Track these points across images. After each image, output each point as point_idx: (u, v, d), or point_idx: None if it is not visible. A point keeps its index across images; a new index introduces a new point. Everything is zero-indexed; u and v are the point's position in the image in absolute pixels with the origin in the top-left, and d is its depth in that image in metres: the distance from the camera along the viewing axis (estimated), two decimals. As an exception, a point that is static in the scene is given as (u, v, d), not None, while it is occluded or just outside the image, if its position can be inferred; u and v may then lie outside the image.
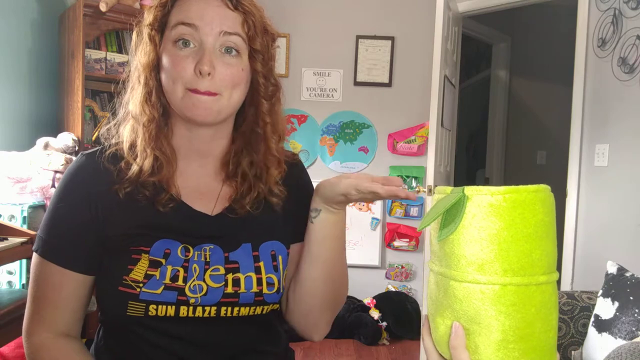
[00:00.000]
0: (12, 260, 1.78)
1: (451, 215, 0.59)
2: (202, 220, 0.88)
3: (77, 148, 2.41)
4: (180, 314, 0.81)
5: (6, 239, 1.74)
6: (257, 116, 0.91)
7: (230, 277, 0.84)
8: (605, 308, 1.70)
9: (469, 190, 0.59)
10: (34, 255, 0.86)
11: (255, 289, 0.85)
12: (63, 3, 2.76)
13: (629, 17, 2.47)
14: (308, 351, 2.95)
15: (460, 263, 0.59)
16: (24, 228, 1.94)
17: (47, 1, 2.68)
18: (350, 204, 3.62)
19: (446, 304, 0.62)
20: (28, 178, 2.15)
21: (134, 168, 0.85)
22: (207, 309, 0.82)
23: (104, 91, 2.70)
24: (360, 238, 3.41)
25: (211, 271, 0.84)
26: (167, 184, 0.86)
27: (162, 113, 0.88)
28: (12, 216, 2.06)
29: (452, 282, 0.60)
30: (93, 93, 2.66)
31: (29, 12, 2.58)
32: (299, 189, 0.98)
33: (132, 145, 0.88)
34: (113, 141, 0.92)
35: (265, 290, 0.86)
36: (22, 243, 1.76)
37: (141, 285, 0.80)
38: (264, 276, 0.86)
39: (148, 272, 0.81)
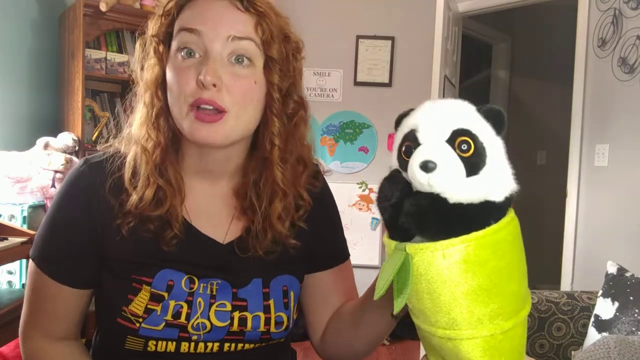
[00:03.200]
0: (12, 260, 1.78)
1: (402, 278, 0.55)
2: (211, 249, 0.80)
3: (77, 148, 2.41)
4: (181, 350, 0.76)
5: (6, 239, 1.74)
6: (266, 137, 0.78)
7: (237, 315, 0.77)
8: (605, 308, 1.70)
9: (411, 248, 0.55)
10: (31, 262, 0.80)
11: (262, 328, 0.78)
12: (63, 3, 2.76)
13: (629, 17, 2.47)
14: (308, 351, 2.94)
15: (420, 316, 0.58)
16: (24, 228, 1.94)
17: (47, 1, 2.68)
18: (351, 204, 3.59)
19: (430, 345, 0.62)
20: (28, 178, 2.15)
21: (133, 198, 0.75)
22: (210, 345, 0.77)
23: (104, 91, 2.70)
24: (360, 238, 3.41)
25: (217, 306, 0.77)
26: (173, 217, 0.76)
27: (172, 136, 0.78)
28: (12, 216, 2.06)
29: (422, 332, 0.60)
30: (93, 93, 2.66)
31: (29, 12, 2.58)
32: (323, 221, 0.89)
33: (134, 174, 0.77)
34: (118, 148, 0.82)
35: (272, 330, 0.79)
36: (22, 243, 1.76)
37: (141, 320, 0.74)
38: (272, 315, 0.79)
39: (149, 306, 0.74)
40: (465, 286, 0.53)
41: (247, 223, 0.81)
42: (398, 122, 0.60)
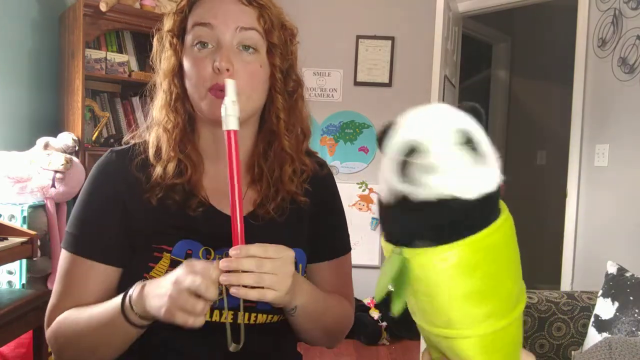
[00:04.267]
0: (12, 260, 1.78)
1: (400, 282, 0.57)
2: (226, 224, 0.84)
3: (77, 148, 2.41)
4: None
5: (6, 239, 1.74)
6: (273, 111, 0.89)
7: None
8: (605, 308, 1.70)
9: (408, 252, 0.56)
10: (63, 252, 0.86)
11: None
12: (63, 3, 2.76)
13: (629, 17, 2.47)
14: (308, 351, 2.95)
15: (418, 315, 0.60)
16: (24, 228, 1.94)
17: (47, 1, 2.68)
18: (351, 204, 3.60)
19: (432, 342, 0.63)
20: (28, 178, 2.15)
21: (158, 170, 0.85)
22: (225, 313, 0.81)
23: (104, 91, 2.70)
24: (360, 238, 3.41)
25: None
26: (196, 187, 0.86)
27: (188, 119, 0.88)
28: (12, 216, 2.06)
29: (425, 333, 0.61)
30: (93, 93, 2.66)
31: (29, 12, 2.58)
32: (323, 202, 0.96)
33: (158, 152, 0.87)
34: (140, 141, 0.91)
35: None
36: (22, 243, 1.76)
37: None
38: None
39: (169, 272, 0.78)
40: (461, 289, 0.55)
41: (257, 197, 0.90)
42: (383, 133, 0.65)
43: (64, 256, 0.86)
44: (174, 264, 0.81)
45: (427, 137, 0.56)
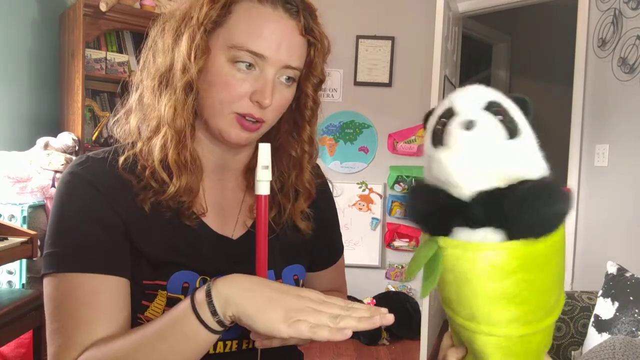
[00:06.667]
0: (12, 260, 1.78)
1: (430, 268, 0.57)
2: (223, 245, 0.80)
3: (77, 148, 2.41)
4: None
5: (6, 239, 1.74)
6: (296, 140, 0.85)
7: None
8: (605, 308, 1.70)
9: (444, 242, 0.56)
10: (48, 280, 0.71)
11: None
12: (63, 3, 2.76)
13: (629, 17, 2.47)
14: (308, 351, 2.94)
15: (445, 302, 0.60)
16: (24, 228, 1.94)
17: (47, 1, 2.68)
18: (351, 204, 3.57)
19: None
20: (28, 178, 2.15)
21: (171, 189, 0.74)
22: (229, 343, 0.77)
23: (104, 91, 2.70)
24: (360, 238, 3.40)
25: None
26: (192, 192, 0.77)
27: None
28: (12, 216, 2.06)
29: (448, 317, 0.62)
30: (93, 93, 2.66)
31: (29, 12, 2.58)
32: (321, 213, 0.92)
33: (164, 160, 0.74)
34: (121, 138, 0.80)
35: None
36: (22, 243, 1.76)
37: None
38: None
39: (165, 312, 0.70)
40: (488, 289, 0.55)
41: (254, 203, 0.81)
42: (427, 117, 0.61)
43: (51, 283, 0.70)
44: (171, 303, 0.71)
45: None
